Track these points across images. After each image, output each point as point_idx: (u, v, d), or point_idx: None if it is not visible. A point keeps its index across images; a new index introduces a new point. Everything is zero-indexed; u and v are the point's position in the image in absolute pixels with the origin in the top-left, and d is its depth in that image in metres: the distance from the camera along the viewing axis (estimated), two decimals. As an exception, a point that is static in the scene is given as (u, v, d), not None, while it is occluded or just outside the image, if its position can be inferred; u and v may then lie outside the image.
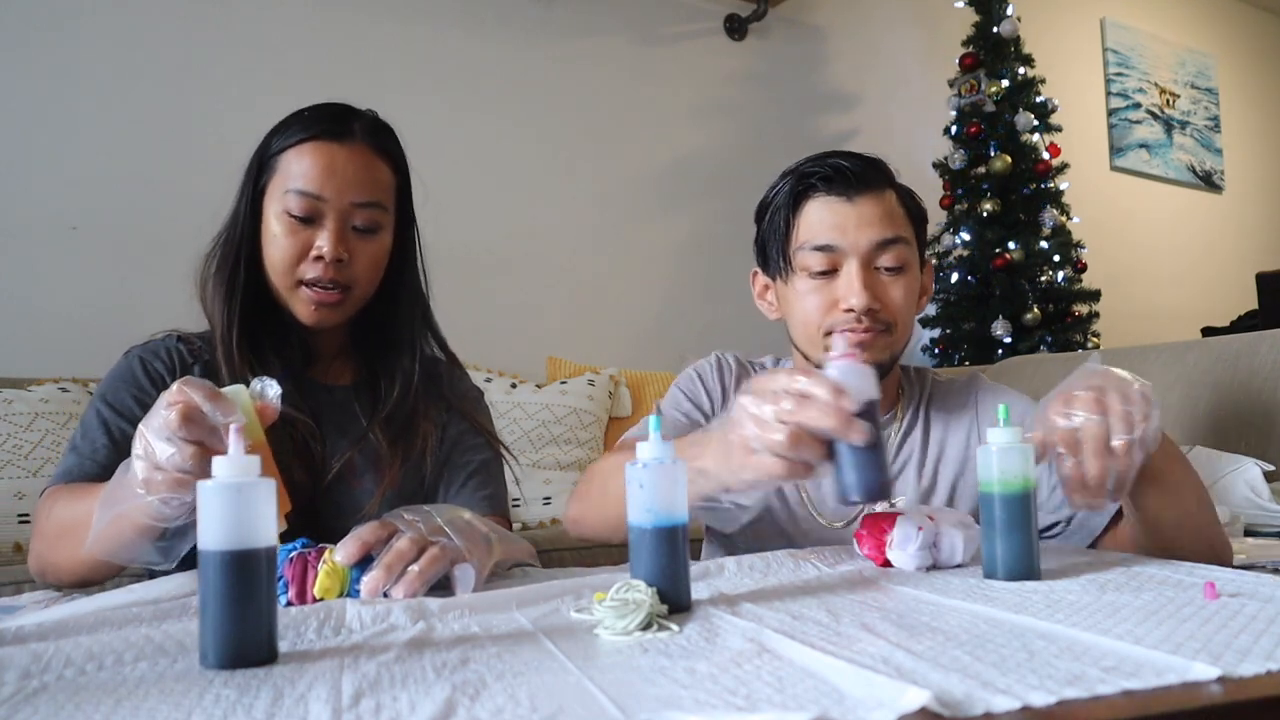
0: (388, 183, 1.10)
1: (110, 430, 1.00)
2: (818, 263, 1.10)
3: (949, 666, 0.49)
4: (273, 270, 1.06)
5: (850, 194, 1.10)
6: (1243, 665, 0.47)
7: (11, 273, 2.29)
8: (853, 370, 0.72)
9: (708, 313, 3.30)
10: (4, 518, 1.82)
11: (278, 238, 1.04)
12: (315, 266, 1.03)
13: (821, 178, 1.11)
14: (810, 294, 1.12)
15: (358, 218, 1.05)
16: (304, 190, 1.03)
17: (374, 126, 1.10)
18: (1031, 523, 0.76)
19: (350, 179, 1.04)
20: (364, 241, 1.07)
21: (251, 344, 1.06)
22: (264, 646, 0.56)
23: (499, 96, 3.03)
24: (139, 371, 1.05)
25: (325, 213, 1.04)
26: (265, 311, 1.08)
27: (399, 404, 1.11)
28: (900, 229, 1.11)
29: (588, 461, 2.49)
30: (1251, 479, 1.58)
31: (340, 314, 1.08)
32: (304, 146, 1.04)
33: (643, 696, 0.45)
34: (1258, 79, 5.43)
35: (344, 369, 1.16)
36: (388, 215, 1.10)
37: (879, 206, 1.11)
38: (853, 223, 1.09)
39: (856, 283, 1.08)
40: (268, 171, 1.06)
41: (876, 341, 1.10)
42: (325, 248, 1.03)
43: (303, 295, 1.05)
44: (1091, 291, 3.44)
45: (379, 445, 1.09)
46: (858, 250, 1.09)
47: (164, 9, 2.53)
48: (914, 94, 3.88)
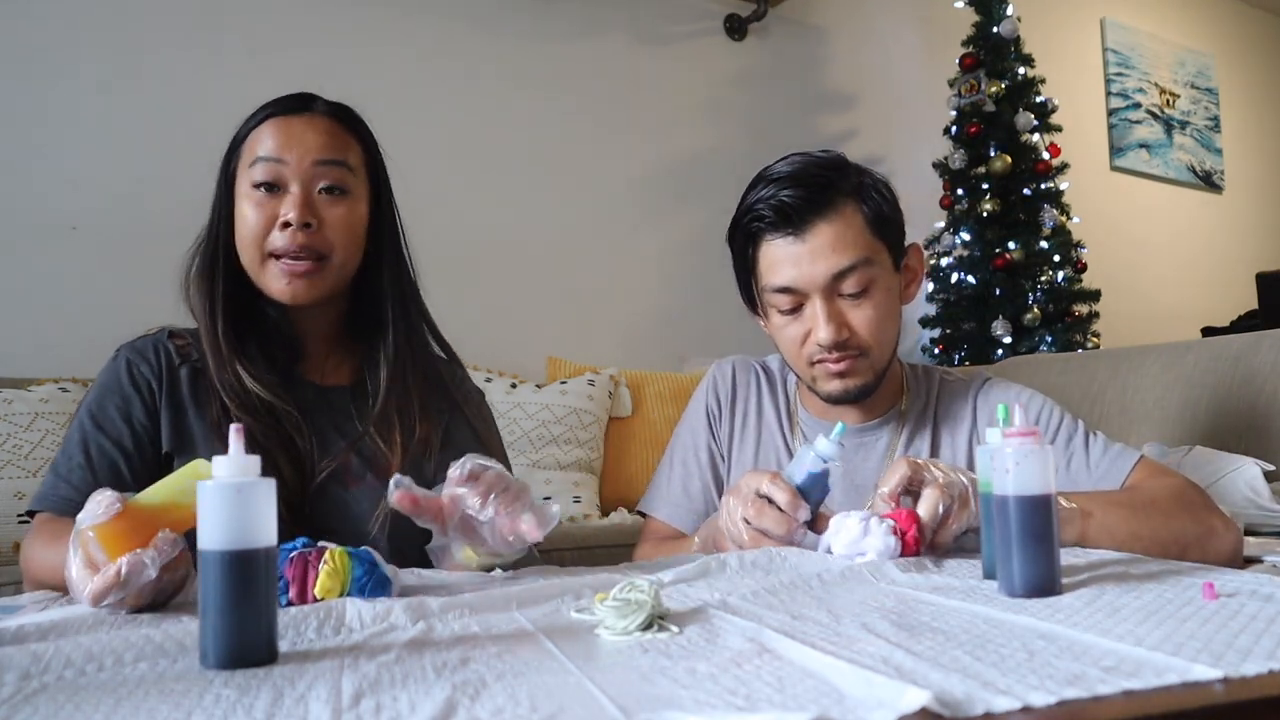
0: (355, 150, 1.10)
1: (88, 449, 0.99)
2: (782, 303, 1.12)
3: (949, 666, 0.49)
4: (243, 250, 1.05)
5: (798, 230, 1.09)
6: (1244, 666, 0.47)
7: (11, 273, 2.28)
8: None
9: (708, 313, 3.30)
10: (4, 518, 1.82)
11: (246, 215, 1.04)
12: (283, 236, 1.03)
13: (767, 220, 1.10)
14: (785, 328, 1.15)
15: (323, 178, 1.05)
16: (265, 157, 1.04)
17: (335, 105, 1.11)
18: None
19: (311, 142, 1.05)
20: (333, 205, 1.06)
21: (236, 338, 1.05)
22: (264, 646, 0.56)
23: (499, 96, 3.03)
24: (124, 378, 1.04)
25: (288, 178, 1.04)
26: (249, 304, 1.08)
27: (388, 393, 1.09)
28: (858, 250, 1.09)
29: (588, 461, 2.49)
30: (1251, 479, 1.58)
31: (318, 286, 1.05)
32: (265, 123, 1.07)
33: (643, 696, 0.45)
34: (1257, 79, 5.43)
35: (341, 369, 1.15)
36: (355, 178, 1.08)
37: (830, 234, 1.08)
38: (806, 259, 1.09)
39: (821, 318, 1.09)
40: (235, 158, 1.08)
41: (855, 367, 1.12)
42: (291, 213, 1.02)
43: (273, 269, 1.04)
44: (1091, 291, 3.44)
45: (374, 445, 1.08)
46: (816, 285, 1.09)
47: (164, 9, 2.53)
48: (914, 94, 3.88)
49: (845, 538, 0.89)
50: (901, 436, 1.21)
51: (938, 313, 3.51)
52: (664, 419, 2.62)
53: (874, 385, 1.15)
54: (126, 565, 0.67)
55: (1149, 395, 1.97)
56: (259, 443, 0.98)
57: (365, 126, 1.13)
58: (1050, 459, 0.71)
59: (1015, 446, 0.70)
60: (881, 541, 0.87)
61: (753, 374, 1.31)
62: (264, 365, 1.06)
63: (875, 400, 1.20)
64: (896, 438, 1.21)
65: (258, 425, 1.00)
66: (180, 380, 1.06)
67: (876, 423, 1.22)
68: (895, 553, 0.88)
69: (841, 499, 1.19)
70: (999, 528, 0.70)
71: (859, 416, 1.22)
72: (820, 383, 1.15)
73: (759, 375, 1.31)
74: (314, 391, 1.11)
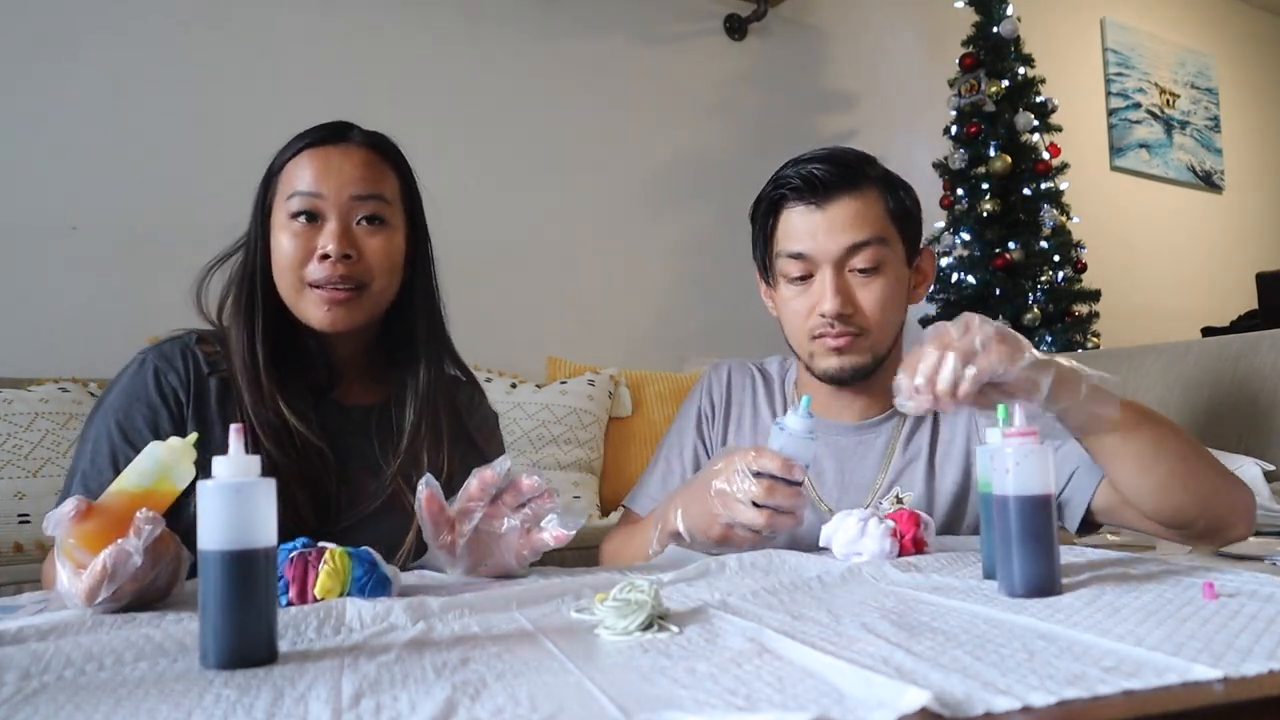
0: (391, 181, 1.09)
1: (117, 461, 0.96)
2: (793, 269, 1.15)
3: (949, 666, 0.49)
4: (280, 278, 1.04)
5: (820, 200, 1.13)
6: (1244, 666, 0.47)
7: (11, 273, 2.28)
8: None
9: (708, 313, 3.30)
10: (4, 518, 1.82)
11: (283, 245, 1.03)
12: (322, 267, 1.02)
13: (793, 187, 1.14)
14: (792, 299, 1.16)
15: (361, 210, 1.04)
16: (303, 190, 1.03)
17: (372, 134, 1.10)
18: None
19: (349, 175, 1.04)
20: (372, 237, 1.05)
21: (274, 369, 1.03)
22: (264, 646, 0.56)
23: (499, 96, 3.03)
24: (152, 387, 1.01)
25: (326, 211, 1.03)
26: (286, 334, 1.06)
27: (416, 430, 1.09)
28: (875, 229, 1.12)
29: (588, 461, 2.49)
30: (1252, 479, 1.58)
31: (357, 314, 1.05)
32: (302, 155, 1.05)
33: (643, 696, 0.45)
34: (1257, 79, 5.43)
35: (367, 391, 1.13)
36: (393, 210, 1.08)
37: (850, 209, 1.12)
38: (823, 229, 1.12)
39: (828, 288, 1.11)
40: (271, 190, 1.06)
41: (854, 345, 1.13)
42: (330, 245, 1.01)
43: (311, 297, 1.03)
44: (1091, 291, 3.44)
45: (400, 488, 1.06)
46: (828, 256, 1.12)
47: (165, 10, 2.53)
48: (914, 94, 3.88)
49: (843, 537, 0.89)
50: (901, 434, 1.21)
51: (938, 313, 3.51)
52: (664, 419, 2.62)
53: (870, 368, 1.15)
54: (111, 556, 0.66)
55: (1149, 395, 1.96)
56: (281, 478, 0.97)
57: (401, 156, 1.12)
58: (1050, 459, 0.71)
59: (1015, 446, 0.70)
60: (878, 544, 0.87)
61: (749, 376, 1.31)
62: (302, 397, 1.04)
63: (876, 397, 1.20)
64: (896, 435, 1.21)
65: (286, 461, 0.99)
66: (209, 393, 1.03)
67: (876, 420, 1.22)
68: (892, 554, 0.88)
69: (840, 498, 1.19)
70: (999, 528, 0.71)
71: (859, 413, 1.22)
72: (818, 359, 1.15)
73: (755, 378, 1.31)
74: (338, 411, 1.10)
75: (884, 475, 1.19)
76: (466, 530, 0.85)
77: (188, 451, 0.74)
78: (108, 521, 0.69)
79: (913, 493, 1.17)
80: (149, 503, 0.70)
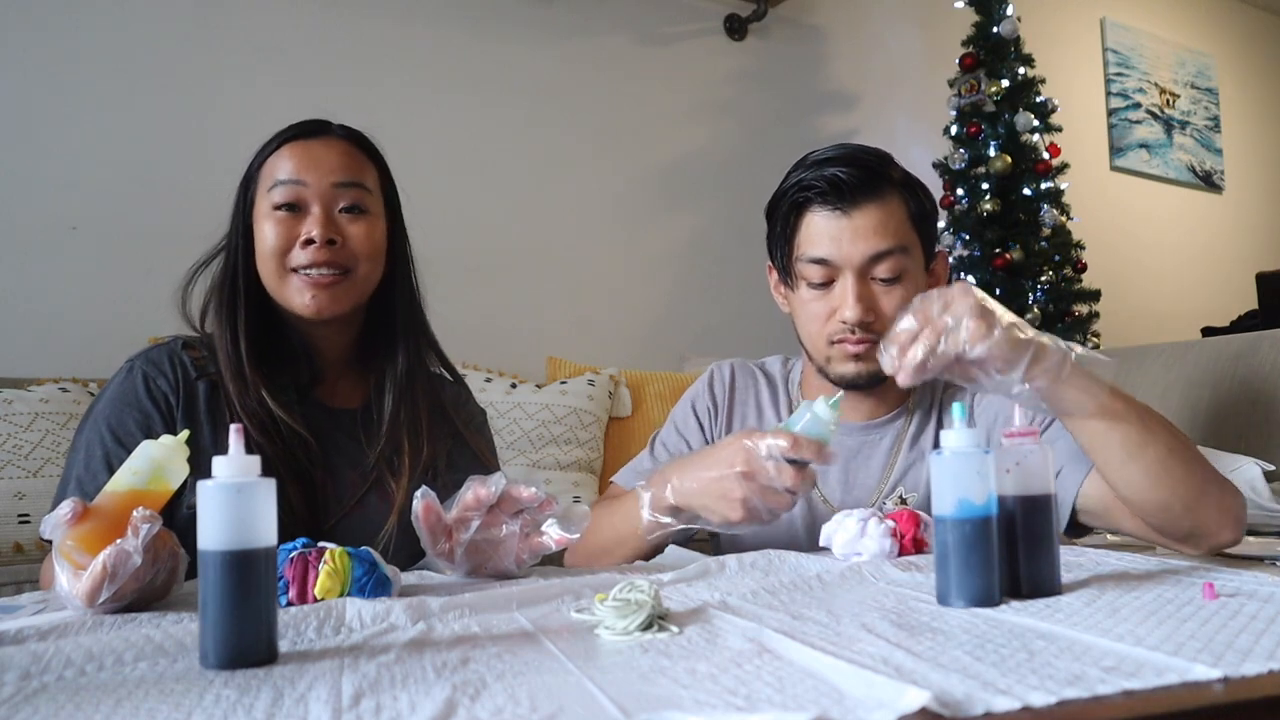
0: (371, 172, 1.11)
1: (111, 465, 0.96)
2: (815, 275, 1.13)
3: (949, 666, 0.49)
4: (263, 266, 1.05)
5: (846, 206, 1.11)
6: (1244, 666, 0.47)
7: (11, 273, 2.28)
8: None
9: (708, 313, 3.30)
10: (4, 518, 1.82)
11: (266, 234, 1.04)
12: (305, 252, 1.03)
13: (818, 190, 1.13)
14: (811, 303, 1.15)
15: (343, 198, 1.06)
16: (285, 180, 1.04)
17: (350, 130, 1.12)
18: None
19: (331, 164, 1.06)
20: (354, 224, 1.07)
21: (258, 362, 1.04)
22: (264, 646, 0.56)
23: (499, 96, 3.03)
24: (142, 392, 1.02)
25: (309, 200, 1.05)
26: (270, 329, 1.07)
27: (395, 416, 1.10)
28: (898, 238, 1.12)
29: (588, 461, 2.49)
30: (1251, 479, 1.58)
31: (341, 299, 1.06)
32: (283, 148, 1.07)
33: (643, 696, 0.45)
34: (1257, 79, 5.42)
35: (351, 392, 1.14)
36: (374, 200, 1.10)
37: (875, 217, 1.11)
38: (848, 236, 1.11)
39: (850, 296, 1.11)
40: (253, 186, 1.08)
41: (872, 351, 1.12)
42: (315, 230, 1.03)
43: (295, 283, 1.04)
44: (1091, 291, 3.44)
45: (382, 474, 1.08)
46: (851, 264, 1.11)
47: (164, 9, 2.53)
48: (914, 94, 3.88)
49: (843, 537, 0.89)
50: (906, 436, 1.21)
51: (938, 313, 3.51)
52: (664, 419, 2.61)
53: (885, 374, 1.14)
54: (110, 557, 0.66)
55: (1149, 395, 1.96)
56: (273, 469, 0.98)
57: (379, 152, 1.14)
58: (1050, 459, 0.71)
59: (1015, 446, 0.70)
60: (877, 544, 0.87)
61: (752, 376, 1.31)
62: (285, 389, 1.05)
63: (883, 398, 1.20)
64: (901, 436, 1.21)
65: (274, 451, 1.00)
66: (197, 395, 1.04)
67: (882, 421, 1.22)
68: (892, 554, 0.88)
69: (845, 497, 1.19)
70: (999, 528, 0.70)
71: (866, 414, 1.22)
72: (835, 363, 1.15)
73: (759, 378, 1.31)
74: (323, 413, 1.10)
75: (889, 475, 1.19)
76: (464, 539, 0.84)
77: (180, 449, 0.74)
78: (105, 522, 0.70)
79: (917, 492, 1.17)
80: (144, 502, 0.71)
